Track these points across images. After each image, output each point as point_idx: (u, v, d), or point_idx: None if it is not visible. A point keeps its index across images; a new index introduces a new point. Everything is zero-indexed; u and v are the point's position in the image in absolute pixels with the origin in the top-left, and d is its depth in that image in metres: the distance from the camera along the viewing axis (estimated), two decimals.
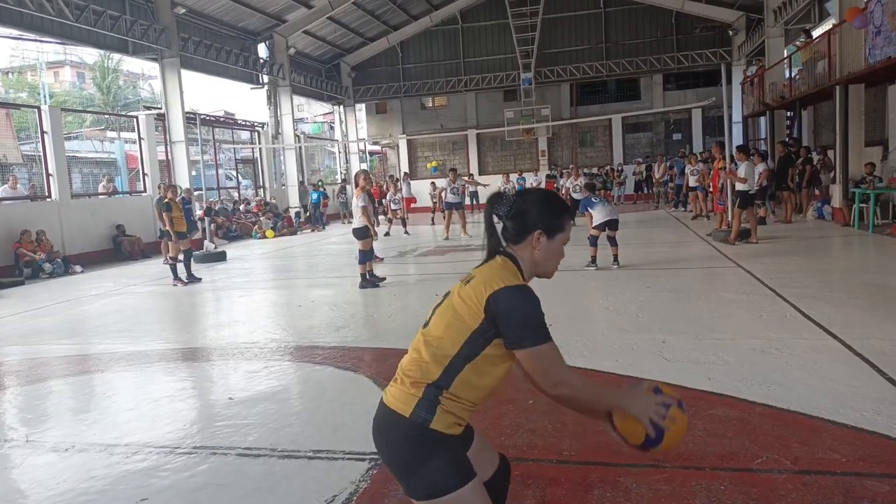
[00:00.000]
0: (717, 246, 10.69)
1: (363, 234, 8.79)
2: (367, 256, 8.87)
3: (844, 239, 11.26)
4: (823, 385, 4.02)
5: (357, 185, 9.07)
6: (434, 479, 1.77)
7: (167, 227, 10.45)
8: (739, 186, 10.70)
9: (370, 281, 8.86)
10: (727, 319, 5.86)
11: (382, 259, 11.38)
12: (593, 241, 9.35)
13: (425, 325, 1.97)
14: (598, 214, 9.21)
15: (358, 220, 8.90)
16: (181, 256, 10.53)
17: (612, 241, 9.31)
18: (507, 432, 3.58)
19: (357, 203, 8.93)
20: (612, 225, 9.22)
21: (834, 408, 3.62)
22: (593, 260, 9.30)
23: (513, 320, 1.82)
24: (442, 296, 2.02)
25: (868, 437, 3.27)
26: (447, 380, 1.82)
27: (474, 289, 1.86)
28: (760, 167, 13.36)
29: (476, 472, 1.86)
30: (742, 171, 10.67)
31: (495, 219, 1.98)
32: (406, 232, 17.17)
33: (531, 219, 1.92)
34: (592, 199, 9.51)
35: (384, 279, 9.10)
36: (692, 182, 16.05)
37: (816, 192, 14.51)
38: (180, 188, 16.24)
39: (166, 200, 10.61)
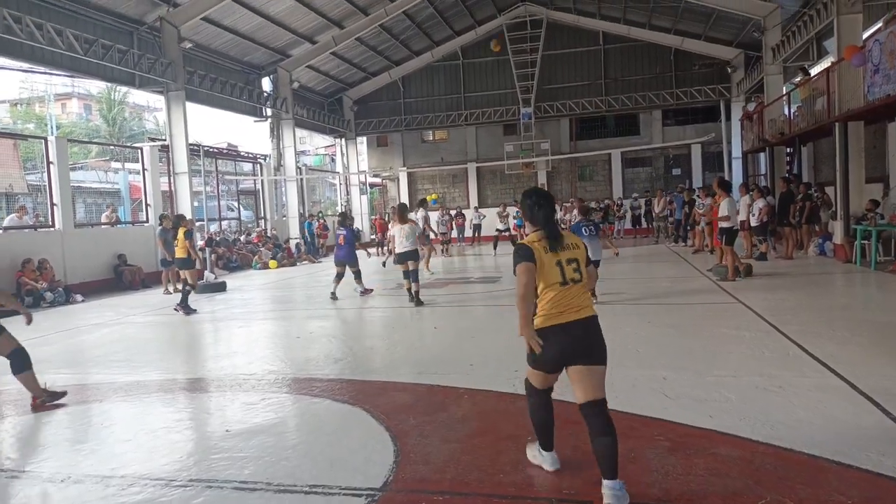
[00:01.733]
0: (718, 282, 10.68)
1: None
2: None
3: (846, 276, 11.26)
4: (828, 424, 3.98)
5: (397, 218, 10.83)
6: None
7: (192, 255, 10.59)
8: (722, 224, 10.80)
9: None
10: (729, 356, 5.83)
11: (371, 291, 11.48)
12: None
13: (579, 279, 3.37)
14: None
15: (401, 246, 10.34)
16: (175, 286, 10.59)
17: None
18: (507, 469, 3.53)
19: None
20: (596, 264, 9.30)
21: (838, 448, 3.58)
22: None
23: None
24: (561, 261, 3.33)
25: (873, 479, 3.23)
26: None
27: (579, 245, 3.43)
28: (760, 203, 13.44)
29: None
30: (723, 208, 10.78)
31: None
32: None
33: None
34: (583, 230, 9.43)
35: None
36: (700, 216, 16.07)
37: (817, 228, 14.54)
38: (183, 217, 16.33)
39: (187, 229, 10.74)
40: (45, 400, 5.35)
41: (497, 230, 20.51)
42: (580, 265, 3.37)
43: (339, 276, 11.11)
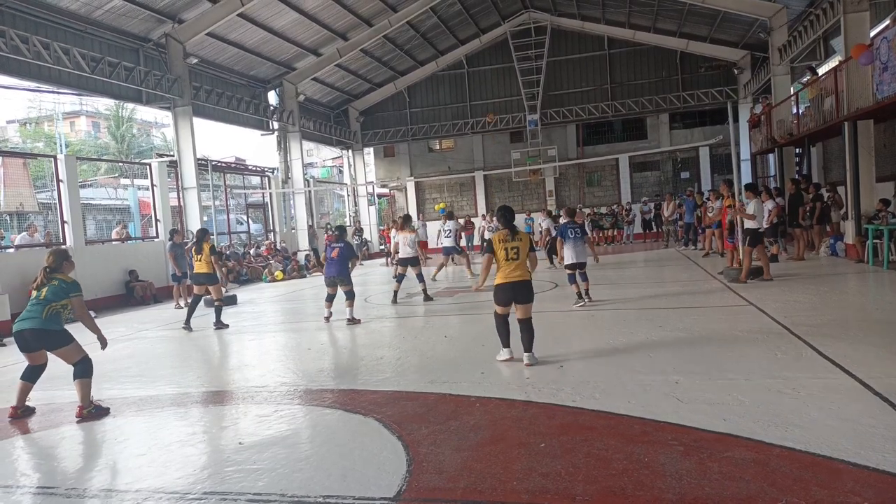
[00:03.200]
0: (729, 284, 10.62)
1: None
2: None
3: (858, 276, 11.17)
4: (842, 425, 3.95)
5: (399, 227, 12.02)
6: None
7: (218, 271, 10.53)
8: (748, 224, 10.68)
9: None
10: (741, 359, 5.79)
11: (359, 321, 9.77)
12: (572, 279, 9.75)
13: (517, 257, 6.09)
14: (569, 253, 9.68)
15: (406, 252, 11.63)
16: (186, 300, 10.55)
17: (583, 277, 9.82)
18: (520, 476, 3.52)
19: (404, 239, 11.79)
20: (581, 266, 9.76)
21: (854, 449, 3.55)
22: (580, 296, 9.59)
23: None
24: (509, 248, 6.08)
25: (890, 480, 3.20)
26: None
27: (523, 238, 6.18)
28: (770, 204, 13.36)
29: None
30: (751, 208, 10.66)
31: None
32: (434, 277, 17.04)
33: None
34: (569, 232, 9.65)
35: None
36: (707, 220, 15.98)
37: (828, 228, 14.45)
38: (191, 233, 16.43)
39: (211, 244, 10.70)
40: (91, 411, 5.47)
41: None
42: (519, 251, 6.15)
43: (331, 298, 10.01)
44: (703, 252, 16.48)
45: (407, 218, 12.84)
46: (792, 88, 19.47)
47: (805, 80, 16.70)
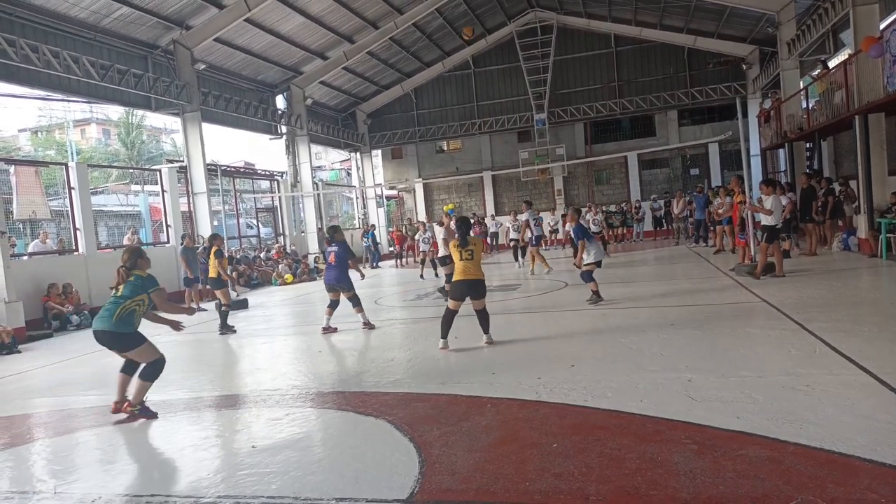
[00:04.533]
0: (741, 281, 10.55)
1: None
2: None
3: (872, 270, 11.06)
4: (858, 422, 3.91)
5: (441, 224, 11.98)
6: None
7: (224, 276, 10.59)
8: (765, 220, 10.55)
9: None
10: (754, 356, 5.75)
11: (374, 327, 9.58)
12: (590, 277, 9.62)
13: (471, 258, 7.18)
14: (592, 250, 9.56)
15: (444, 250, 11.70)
16: (198, 304, 10.56)
17: (590, 277, 9.72)
18: (532, 477, 3.51)
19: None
20: (600, 264, 9.67)
21: (870, 446, 3.52)
22: (598, 294, 9.51)
23: None
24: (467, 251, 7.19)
25: None
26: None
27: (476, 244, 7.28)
28: (784, 200, 13.24)
29: None
30: (768, 203, 10.53)
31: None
32: (421, 276, 17.00)
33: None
34: (590, 233, 9.71)
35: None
36: (717, 216, 15.89)
37: (840, 223, 14.33)
38: (202, 238, 16.53)
39: (217, 248, 10.76)
40: (138, 412, 5.46)
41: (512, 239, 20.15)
42: (473, 254, 7.21)
43: (334, 305, 9.53)
44: (714, 249, 16.38)
45: (464, 220, 12.39)
46: (801, 83, 19.33)
47: (816, 73, 16.55)
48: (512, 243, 18.43)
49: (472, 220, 12.26)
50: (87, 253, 14.51)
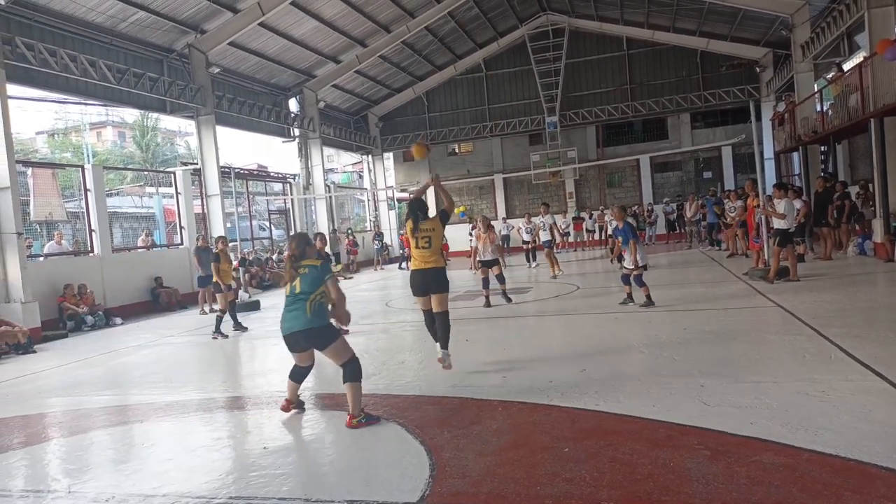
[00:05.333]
0: (755, 285, 10.47)
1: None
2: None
3: (888, 275, 10.94)
4: (874, 429, 3.86)
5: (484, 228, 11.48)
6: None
7: (216, 278, 10.52)
8: (778, 224, 10.48)
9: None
10: (768, 361, 5.71)
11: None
12: (642, 281, 9.30)
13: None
14: (640, 254, 9.22)
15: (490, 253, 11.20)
16: (211, 306, 10.60)
17: (628, 280, 9.44)
18: (543, 482, 3.50)
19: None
20: (646, 267, 9.37)
21: (886, 453, 3.47)
22: (650, 299, 9.22)
23: None
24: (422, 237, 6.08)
25: None
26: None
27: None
28: (797, 203, 13.13)
29: None
30: (781, 208, 10.46)
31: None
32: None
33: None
34: (636, 234, 9.43)
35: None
36: (730, 219, 15.79)
37: (857, 227, 14.18)
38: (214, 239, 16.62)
39: (216, 251, 10.79)
40: (362, 420, 4.84)
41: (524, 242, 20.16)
42: (430, 240, 6.06)
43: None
44: (727, 253, 16.28)
45: (486, 220, 12.03)
46: (816, 85, 19.17)
47: (830, 76, 16.42)
48: (526, 246, 18.36)
49: (488, 223, 11.81)
50: (102, 254, 14.64)
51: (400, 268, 22.82)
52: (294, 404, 5.43)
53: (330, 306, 5.06)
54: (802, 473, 3.33)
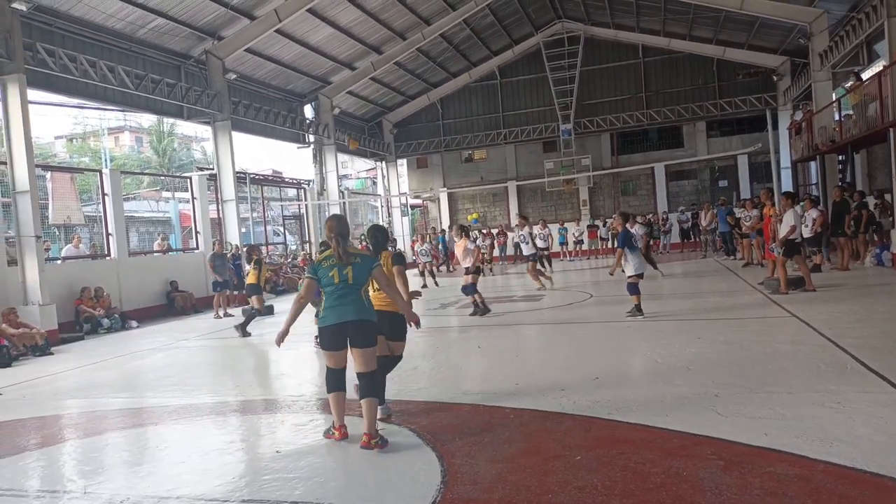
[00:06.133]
0: (770, 295, 10.38)
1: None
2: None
3: None
4: (890, 441, 3.82)
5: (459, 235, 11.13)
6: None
7: (253, 281, 11.13)
8: (782, 234, 10.43)
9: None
10: (783, 372, 5.66)
11: None
12: (635, 289, 9.23)
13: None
14: (634, 262, 9.21)
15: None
16: (226, 310, 10.82)
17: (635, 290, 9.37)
18: (555, 489, 3.49)
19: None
20: (642, 276, 9.36)
21: None
22: (639, 308, 9.16)
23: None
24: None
25: None
26: None
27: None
28: (814, 213, 13.02)
29: None
30: (787, 218, 10.41)
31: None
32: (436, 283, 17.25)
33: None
34: (634, 241, 9.32)
35: None
36: (745, 228, 15.68)
37: (875, 237, 14.02)
38: (230, 244, 16.76)
39: (256, 258, 11.28)
40: (380, 442, 4.39)
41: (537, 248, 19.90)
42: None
43: None
44: (742, 262, 16.15)
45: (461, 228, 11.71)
46: (834, 94, 19.02)
47: (849, 84, 16.28)
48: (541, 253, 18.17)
49: (461, 230, 11.28)
50: (119, 258, 14.80)
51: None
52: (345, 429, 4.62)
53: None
54: (817, 485, 3.30)
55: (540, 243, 18.09)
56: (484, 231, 24.83)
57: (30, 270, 11.85)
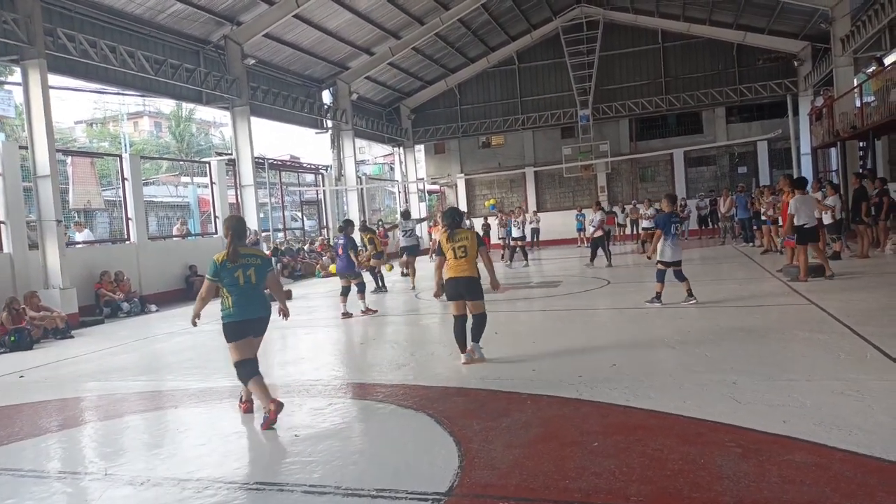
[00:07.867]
0: (789, 282, 10.28)
1: None
2: None
3: None
4: None
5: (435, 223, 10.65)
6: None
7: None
8: (797, 221, 10.28)
9: None
10: (802, 359, 5.61)
11: (375, 311, 10.69)
12: (661, 276, 9.08)
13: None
14: (669, 251, 8.96)
15: None
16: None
17: (681, 276, 9.05)
18: (572, 475, 3.50)
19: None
20: (677, 263, 9.03)
21: None
22: (658, 296, 9.05)
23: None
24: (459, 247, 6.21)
25: None
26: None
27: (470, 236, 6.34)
28: (831, 200, 12.84)
29: None
30: (792, 205, 10.28)
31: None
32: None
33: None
34: (672, 227, 8.87)
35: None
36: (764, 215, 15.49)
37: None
38: (250, 230, 16.84)
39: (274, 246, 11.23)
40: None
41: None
42: (466, 249, 6.21)
43: (345, 292, 10.64)
44: (761, 249, 15.99)
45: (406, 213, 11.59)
46: (855, 80, 18.67)
47: (870, 70, 15.97)
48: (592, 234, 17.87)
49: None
50: (139, 242, 14.96)
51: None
52: (275, 405, 4.78)
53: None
54: (836, 473, 3.28)
55: (515, 233, 17.99)
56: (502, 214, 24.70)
57: (51, 255, 12.02)
